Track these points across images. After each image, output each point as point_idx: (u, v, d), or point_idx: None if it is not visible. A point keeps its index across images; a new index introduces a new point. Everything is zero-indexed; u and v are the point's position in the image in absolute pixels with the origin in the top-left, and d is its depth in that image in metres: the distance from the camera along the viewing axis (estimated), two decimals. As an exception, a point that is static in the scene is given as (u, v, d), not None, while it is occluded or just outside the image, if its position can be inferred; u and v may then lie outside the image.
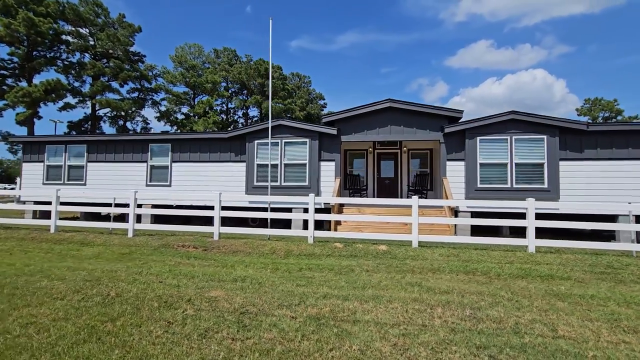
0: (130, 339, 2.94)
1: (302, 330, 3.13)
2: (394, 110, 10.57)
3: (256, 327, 3.19)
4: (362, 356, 2.71)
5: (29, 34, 25.40)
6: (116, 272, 5.10)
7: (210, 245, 7.62)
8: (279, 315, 3.48)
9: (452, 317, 3.52)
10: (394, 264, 6.10)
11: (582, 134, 9.51)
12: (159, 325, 3.23)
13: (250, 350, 2.78)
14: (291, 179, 11.04)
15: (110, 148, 12.62)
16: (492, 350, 2.82)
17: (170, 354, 2.69)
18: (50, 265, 5.56)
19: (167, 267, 5.60)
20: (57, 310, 3.54)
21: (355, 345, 2.87)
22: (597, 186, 9.39)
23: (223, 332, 3.10)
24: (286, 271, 5.59)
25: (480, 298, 4.17)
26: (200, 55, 43.25)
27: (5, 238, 8.51)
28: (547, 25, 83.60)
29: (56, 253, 6.89)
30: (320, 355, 2.71)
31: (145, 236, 8.53)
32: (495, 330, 3.21)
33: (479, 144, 9.90)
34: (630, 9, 77.56)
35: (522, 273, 5.55)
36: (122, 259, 6.39)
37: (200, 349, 2.78)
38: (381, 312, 3.62)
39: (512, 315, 3.57)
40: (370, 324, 3.30)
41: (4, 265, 5.45)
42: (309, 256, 6.90)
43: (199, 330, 3.11)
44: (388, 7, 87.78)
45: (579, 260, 6.40)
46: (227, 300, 3.92)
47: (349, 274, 5.42)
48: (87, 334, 3.00)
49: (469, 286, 4.75)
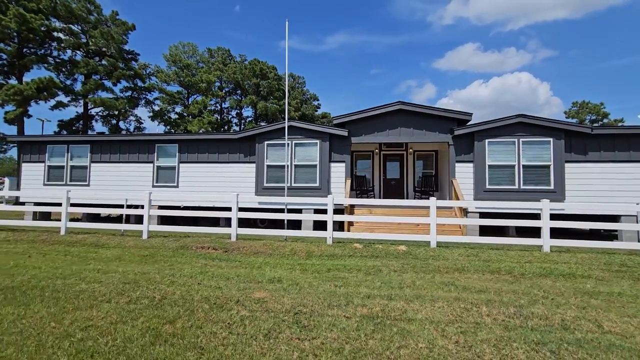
0: (198, 340, 2.96)
1: (363, 330, 3.21)
2: (404, 112, 10.73)
3: (317, 327, 3.25)
4: (431, 353, 2.80)
5: (20, 31, 24.72)
6: (149, 274, 5.07)
7: (229, 246, 7.61)
8: (333, 315, 3.55)
9: (499, 315, 3.65)
10: (418, 264, 6.23)
11: (586, 137, 9.84)
12: (219, 326, 3.25)
13: (321, 349, 2.84)
14: (301, 180, 11.08)
15: (115, 148, 12.42)
16: (550, 346, 2.95)
17: (244, 355, 2.73)
18: (78, 268, 5.48)
19: (196, 269, 5.59)
20: (109, 313, 3.53)
21: (421, 343, 2.96)
22: (600, 187, 9.73)
23: (286, 332, 3.15)
24: (315, 272, 5.64)
25: (517, 297, 4.32)
26: (194, 55, 42.81)
27: (15, 240, 8.32)
28: (532, 30, 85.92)
29: (75, 255, 6.78)
30: (391, 353, 2.79)
31: (159, 238, 8.45)
32: (545, 327, 3.35)
33: (488, 146, 10.14)
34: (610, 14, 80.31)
35: (544, 272, 5.74)
36: (146, 261, 6.34)
37: (272, 349, 2.82)
38: (430, 311, 3.73)
39: (555, 313, 3.72)
40: (426, 323, 3.40)
41: (32, 269, 5.35)
42: (331, 257, 6.97)
43: (262, 331, 3.15)
44: (377, 9, 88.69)
45: (593, 259, 6.64)
46: (275, 301, 3.96)
47: (378, 274, 5.52)
48: (152, 337, 3.01)
49: (501, 285, 4.90)
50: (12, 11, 23.99)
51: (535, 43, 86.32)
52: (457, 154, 10.45)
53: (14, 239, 8.46)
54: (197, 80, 39.64)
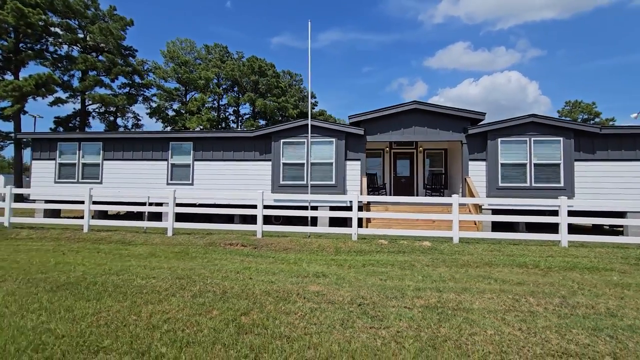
0: (280, 330, 3.13)
1: (430, 319, 3.42)
2: (419, 112, 10.97)
3: (386, 318, 3.44)
4: (502, 339, 3.02)
5: (18, 25, 24.24)
6: (195, 270, 5.21)
7: (257, 243, 7.75)
8: (395, 307, 3.75)
9: (548, 305, 3.89)
10: (448, 259, 6.47)
11: (594, 137, 10.21)
12: (294, 317, 3.43)
13: (399, 336, 3.03)
14: (317, 177, 11.25)
15: (128, 146, 12.41)
16: (607, 332, 3.20)
17: (331, 342, 2.90)
18: (121, 264, 5.58)
19: (237, 265, 5.73)
20: (180, 306, 3.67)
21: (489, 330, 3.18)
22: (607, 185, 10.13)
23: (358, 322, 3.34)
24: (352, 267, 5.84)
25: (555, 288, 4.58)
26: (192, 51, 42.44)
27: (39, 238, 8.33)
28: (521, 29, 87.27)
29: (107, 252, 6.85)
30: (466, 339, 3.00)
31: (184, 235, 8.54)
32: (595, 315, 3.60)
33: (500, 145, 10.45)
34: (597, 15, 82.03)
35: (568, 265, 6.03)
36: (181, 257, 6.45)
37: (354, 337, 3.00)
38: (483, 301, 3.95)
39: (598, 302, 3.98)
40: (484, 312, 3.63)
41: (76, 265, 5.44)
42: (359, 253, 7.17)
43: (337, 321, 3.33)
44: (369, 7, 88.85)
45: (610, 254, 6.97)
46: (332, 294, 4.15)
47: (413, 269, 5.73)
48: (236, 327, 3.16)
49: (535, 278, 5.16)
50: (9, 5, 23.51)
51: (524, 42, 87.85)
52: (470, 153, 10.74)
53: (37, 236, 8.46)
54: (195, 77, 39.34)
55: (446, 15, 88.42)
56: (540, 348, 2.87)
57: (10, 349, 2.69)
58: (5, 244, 7.57)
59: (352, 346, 2.85)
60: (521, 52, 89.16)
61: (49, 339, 2.88)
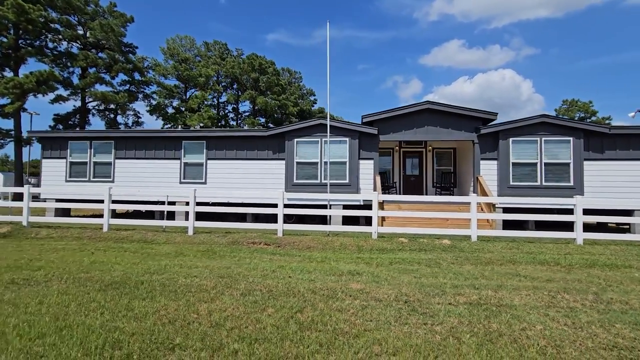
0: (340, 326, 3.26)
1: (477, 316, 3.57)
2: (431, 111, 11.12)
3: (436, 314, 3.59)
4: (552, 334, 3.18)
5: (18, 22, 23.95)
6: (232, 269, 5.31)
7: (279, 242, 7.87)
8: (440, 303, 3.90)
9: (584, 301, 4.07)
10: (470, 257, 6.64)
11: (603, 137, 10.45)
12: (348, 314, 3.55)
13: (455, 331, 3.18)
14: (331, 176, 11.36)
15: (140, 145, 12.42)
16: (648, 326, 3.37)
17: (394, 337, 3.03)
18: (156, 264, 5.66)
19: (268, 264, 5.84)
20: (234, 304, 3.78)
21: (537, 325, 3.34)
22: (615, 183, 10.38)
23: (411, 318, 3.48)
24: (380, 265, 5.98)
25: (585, 285, 4.76)
26: (192, 48, 42.18)
27: (60, 237, 8.37)
28: (515, 28, 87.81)
29: (133, 252, 6.92)
30: (519, 335, 3.15)
31: (204, 234, 8.62)
32: (632, 311, 3.78)
33: (512, 144, 10.65)
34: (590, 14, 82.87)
35: (587, 263, 6.23)
36: (210, 256, 6.55)
37: (412, 332, 3.14)
38: (522, 298, 4.12)
39: (630, 298, 4.17)
40: (527, 308, 3.79)
41: (111, 264, 5.51)
42: (382, 251, 7.32)
43: (390, 317, 3.47)
44: (364, 4, 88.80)
45: (624, 251, 7.20)
46: (375, 292, 4.28)
47: (440, 266, 5.89)
48: (295, 324, 3.28)
49: (561, 275, 5.35)
50: (9, 1, 23.20)
51: (519, 41, 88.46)
52: (481, 152, 10.92)
53: (57, 236, 8.50)
54: (195, 74, 39.15)
55: (441, 13, 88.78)
56: (591, 342, 3.03)
57: (89, 346, 2.79)
58: (29, 244, 7.61)
59: (413, 341, 2.99)
60: (515, 50, 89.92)
61: (121, 336, 2.98)
